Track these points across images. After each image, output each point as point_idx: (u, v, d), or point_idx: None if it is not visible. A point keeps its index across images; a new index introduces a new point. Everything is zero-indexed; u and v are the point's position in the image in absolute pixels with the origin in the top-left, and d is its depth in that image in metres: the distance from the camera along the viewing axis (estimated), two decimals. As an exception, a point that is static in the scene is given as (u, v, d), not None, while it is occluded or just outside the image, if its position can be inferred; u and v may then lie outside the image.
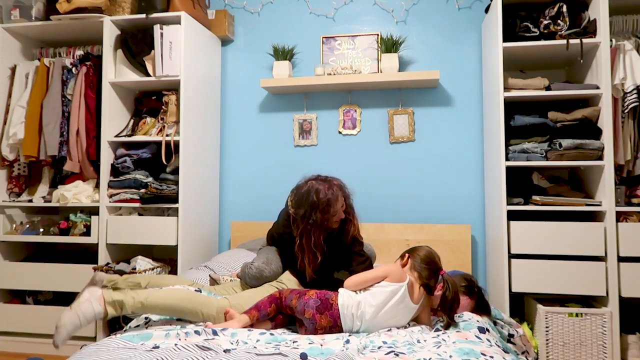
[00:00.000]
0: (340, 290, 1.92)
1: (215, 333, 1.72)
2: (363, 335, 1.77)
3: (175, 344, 1.58)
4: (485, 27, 3.05)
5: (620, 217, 2.59)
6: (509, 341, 2.07)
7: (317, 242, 2.01)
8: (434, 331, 1.80)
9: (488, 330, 1.81)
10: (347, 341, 1.68)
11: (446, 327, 1.82)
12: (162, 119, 3.09)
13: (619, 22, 2.74)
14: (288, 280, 2.13)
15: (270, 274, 2.15)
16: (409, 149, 3.24)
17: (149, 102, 3.23)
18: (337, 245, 2.14)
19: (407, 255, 2.04)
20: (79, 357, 1.51)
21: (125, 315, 2.01)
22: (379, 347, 1.64)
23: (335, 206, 2.04)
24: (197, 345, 1.56)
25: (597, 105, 2.64)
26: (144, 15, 2.99)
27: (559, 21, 2.65)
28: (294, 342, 1.67)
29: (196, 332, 1.71)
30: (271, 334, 1.76)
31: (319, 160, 3.34)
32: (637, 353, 2.51)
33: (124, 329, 1.90)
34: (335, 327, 1.81)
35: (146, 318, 1.96)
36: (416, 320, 1.94)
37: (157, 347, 1.59)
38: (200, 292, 2.07)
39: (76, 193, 3.01)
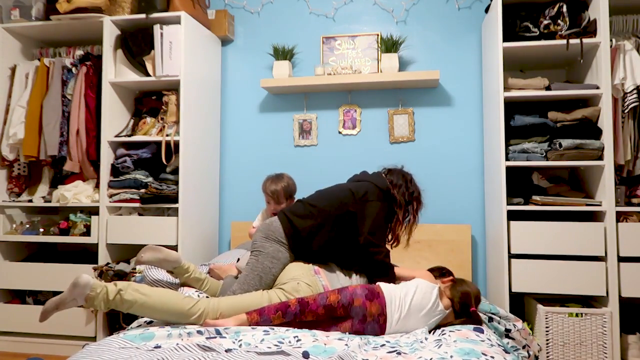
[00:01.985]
0: (380, 283, 1.99)
1: (218, 333, 1.72)
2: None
3: (177, 344, 1.58)
4: (485, 27, 3.05)
5: (620, 217, 2.60)
6: (507, 336, 2.07)
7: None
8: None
9: (482, 331, 1.80)
10: (348, 343, 1.68)
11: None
12: (162, 119, 3.09)
13: (619, 22, 2.75)
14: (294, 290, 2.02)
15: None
16: (409, 149, 3.24)
17: (149, 102, 3.23)
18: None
19: (452, 277, 2.16)
20: (80, 356, 1.51)
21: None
22: (381, 345, 1.64)
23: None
24: (198, 345, 1.56)
25: (597, 105, 2.64)
26: (144, 15, 2.99)
27: (559, 21, 2.65)
28: (297, 341, 1.66)
29: (198, 331, 1.71)
30: (275, 333, 1.76)
31: (319, 160, 3.34)
32: (637, 353, 2.51)
33: (126, 329, 1.90)
34: (382, 315, 1.85)
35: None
36: None
37: (159, 347, 1.59)
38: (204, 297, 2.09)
39: (76, 193, 3.01)
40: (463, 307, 1.96)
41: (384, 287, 1.96)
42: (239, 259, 2.38)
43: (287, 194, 2.49)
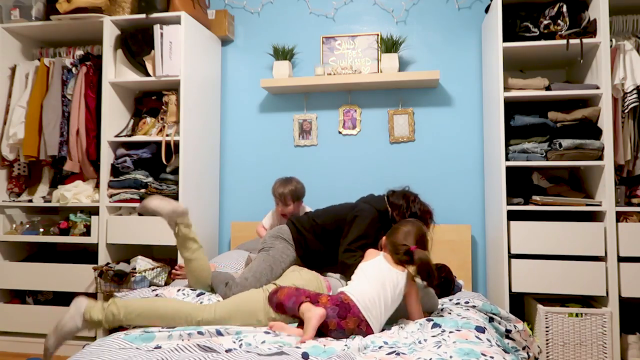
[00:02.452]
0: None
1: (219, 333, 1.72)
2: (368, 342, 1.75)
3: (177, 345, 1.58)
4: (485, 27, 3.05)
5: (620, 217, 2.60)
6: (507, 337, 2.07)
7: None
8: (432, 327, 1.80)
9: (486, 329, 1.81)
10: (347, 344, 1.68)
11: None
12: (162, 119, 3.09)
13: (619, 22, 2.74)
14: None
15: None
16: (409, 149, 3.24)
17: (149, 102, 3.23)
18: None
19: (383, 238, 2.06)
20: (80, 357, 1.51)
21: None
22: (380, 347, 1.64)
23: None
24: (198, 345, 1.56)
25: (597, 105, 2.65)
26: (144, 15, 2.99)
27: (559, 21, 2.65)
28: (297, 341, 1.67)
29: (199, 332, 1.71)
30: (276, 334, 1.76)
31: (319, 160, 3.34)
32: (637, 353, 2.52)
33: (126, 330, 1.90)
34: (362, 322, 1.76)
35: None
36: (407, 309, 1.93)
37: (159, 348, 1.59)
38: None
39: (76, 193, 3.01)
40: (406, 252, 1.87)
41: (348, 290, 1.84)
42: (248, 255, 2.52)
43: (295, 197, 2.66)
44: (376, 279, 1.87)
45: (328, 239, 2.30)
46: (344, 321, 1.75)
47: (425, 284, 1.92)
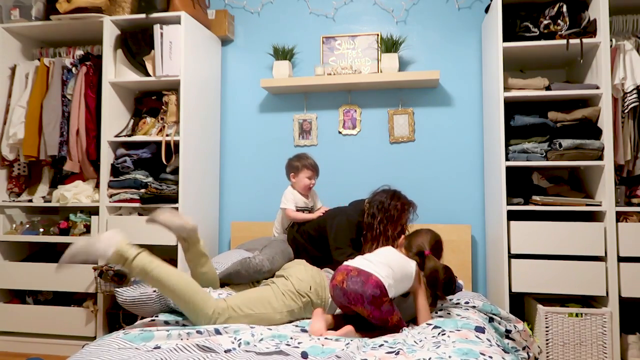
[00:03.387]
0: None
1: (217, 332, 1.72)
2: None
3: (176, 344, 1.58)
4: (485, 27, 3.05)
5: (620, 217, 2.59)
6: (507, 337, 2.07)
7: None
8: (433, 328, 1.80)
9: (486, 329, 1.81)
10: (348, 343, 1.68)
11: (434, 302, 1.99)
12: (162, 119, 3.09)
13: (619, 22, 2.74)
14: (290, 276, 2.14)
15: (267, 271, 2.29)
16: (409, 149, 3.24)
17: (149, 102, 3.23)
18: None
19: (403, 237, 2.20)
20: (79, 357, 1.51)
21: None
22: (380, 346, 1.64)
23: None
24: (197, 345, 1.56)
25: (597, 105, 2.64)
26: (144, 15, 2.99)
27: (559, 21, 2.65)
28: (297, 342, 1.66)
29: (198, 332, 1.71)
30: (275, 332, 1.76)
31: (319, 160, 3.32)
32: (637, 353, 2.51)
33: (124, 330, 1.90)
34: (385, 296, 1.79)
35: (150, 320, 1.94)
36: (415, 307, 1.97)
37: (158, 348, 1.59)
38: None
39: (76, 193, 3.01)
40: (419, 253, 2.00)
41: (378, 269, 1.86)
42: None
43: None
44: (379, 258, 1.94)
45: (317, 244, 2.56)
46: (377, 310, 1.79)
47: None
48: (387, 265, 1.87)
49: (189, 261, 2.23)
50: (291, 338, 1.71)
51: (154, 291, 2.04)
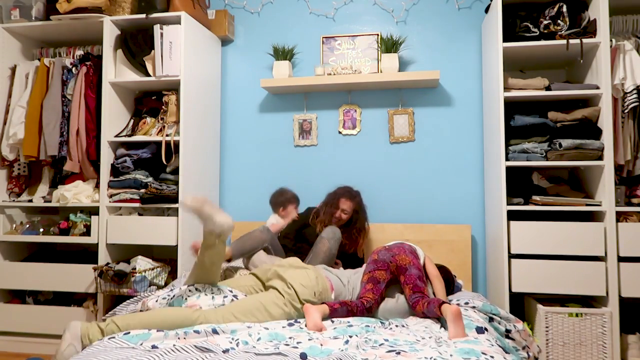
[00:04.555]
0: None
1: (215, 332, 1.72)
2: (363, 332, 1.77)
3: (174, 345, 1.58)
4: (485, 27, 3.05)
5: (620, 217, 2.59)
6: (507, 337, 2.07)
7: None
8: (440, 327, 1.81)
9: (486, 330, 1.81)
10: (347, 341, 1.68)
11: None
12: (162, 119, 3.09)
13: (619, 22, 2.74)
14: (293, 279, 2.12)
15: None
16: (409, 149, 3.24)
17: (149, 102, 3.23)
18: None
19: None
20: (78, 357, 1.51)
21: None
22: (380, 345, 1.64)
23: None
24: (195, 346, 1.56)
25: (597, 105, 2.64)
26: (144, 15, 2.99)
27: (559, 21, 2.65)
28: (296, 342, 1.66)
29: (195, 331, 1.71)
30: (272, 331, 1.76)
31: (319, 160, 3.34)
32: (637, 353, 2.51)
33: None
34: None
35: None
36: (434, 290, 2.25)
37: (156, 347, 1.59)
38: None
39: (76, 193, 3.01)
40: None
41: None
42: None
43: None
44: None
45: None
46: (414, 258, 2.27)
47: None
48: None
49: (209, 256, 2.10)
50: (290, 338, 1.70)
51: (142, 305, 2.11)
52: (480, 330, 1.80)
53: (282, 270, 2.16)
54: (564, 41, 2.62)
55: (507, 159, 2.68)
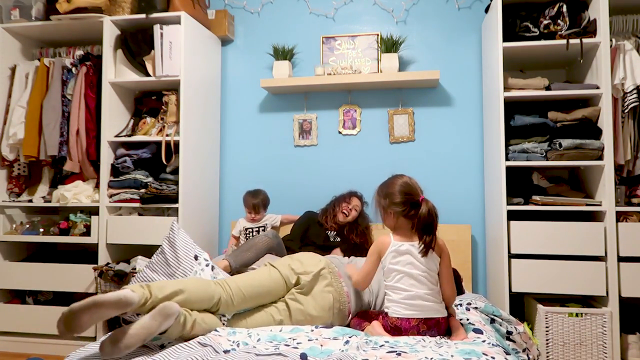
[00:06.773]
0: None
1: (215, 330, 1.72)
2: (363, 335, 1.77)
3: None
4: (485, 27, 3.05)
5: (620, 217, 2.59)
6: (507, 339, 2.07)
7: None
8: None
9: (487, 330, 1.81)
10: (347, 342, 1.68)
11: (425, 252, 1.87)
12: (162, 119, 3.09)
13: (619, 22, 2.74)
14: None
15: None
16: (409, 149, 3.24)
17: (149, 102, 3.23)
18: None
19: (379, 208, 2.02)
20: (78, 357, 1.51)
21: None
22: (380, 346, 1.63)
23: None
24: (199, 342, 1.57)
25: (597, 105, 2.64)
26: (144, 15, 2.99)
27: (559, 21, 2.65)
28: (296, 342, 1.66)
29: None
30: (271, 333, 1.76)
31: (319, 160, 3.34)
32: (637, 353, 2.51)
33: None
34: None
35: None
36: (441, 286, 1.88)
37: (164, 347, 1.58)
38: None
39: (76, 193, 3.01)
40: (407, 207, 1.98)
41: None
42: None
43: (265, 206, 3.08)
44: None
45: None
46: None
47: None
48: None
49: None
50: (290, 338, 1.70)
51: None
52: (480, 331, 1.80)
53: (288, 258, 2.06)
54: (564, 41, 2.62)
55: (507, 159, 2.68)
